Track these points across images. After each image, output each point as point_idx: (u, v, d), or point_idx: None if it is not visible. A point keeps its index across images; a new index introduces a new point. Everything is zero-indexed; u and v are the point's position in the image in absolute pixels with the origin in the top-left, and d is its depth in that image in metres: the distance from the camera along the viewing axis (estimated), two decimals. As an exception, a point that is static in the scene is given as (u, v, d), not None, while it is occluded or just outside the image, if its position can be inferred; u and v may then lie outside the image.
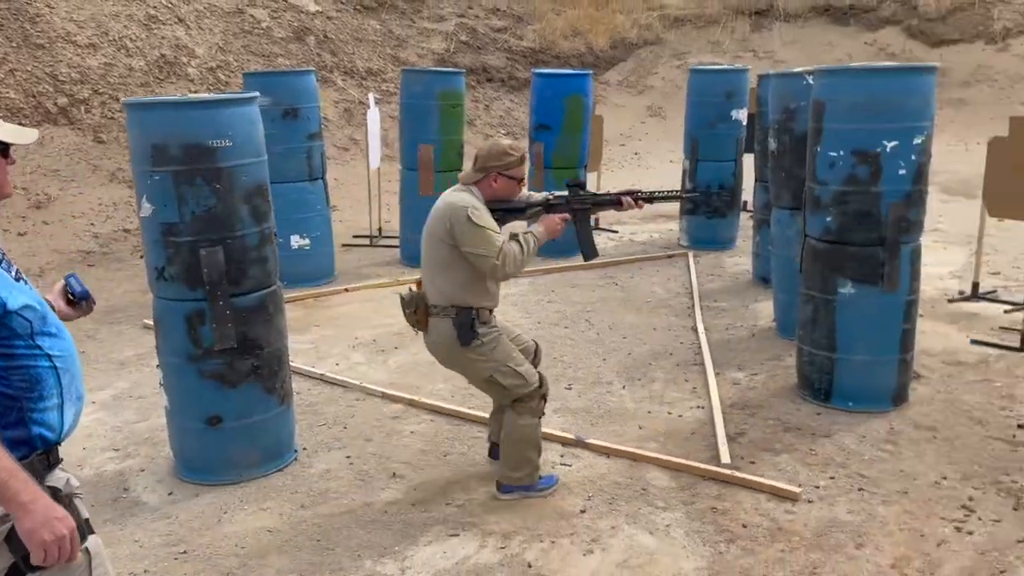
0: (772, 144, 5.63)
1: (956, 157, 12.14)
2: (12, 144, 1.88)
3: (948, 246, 8.03)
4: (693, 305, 6.51)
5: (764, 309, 6.33)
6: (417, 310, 3.53)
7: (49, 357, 1.86)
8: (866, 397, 4.44)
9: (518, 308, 6.55)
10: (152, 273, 3.74)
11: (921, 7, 15.91)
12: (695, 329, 5.96)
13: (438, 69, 8.11)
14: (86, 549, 1.85)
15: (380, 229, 8.87)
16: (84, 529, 1.86)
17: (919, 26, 15.85)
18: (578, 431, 4.34)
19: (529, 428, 3.61)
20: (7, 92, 9.24)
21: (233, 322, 3.72)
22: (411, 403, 4.76)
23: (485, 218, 3.40)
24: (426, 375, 5.20)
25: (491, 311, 3.58)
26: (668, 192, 3.74)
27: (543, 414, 3.70)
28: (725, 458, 3.94)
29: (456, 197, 3.48)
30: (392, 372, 5.27)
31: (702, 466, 3.88)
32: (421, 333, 3.64)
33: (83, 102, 9.88)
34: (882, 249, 4.24)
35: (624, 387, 4.97)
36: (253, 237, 3.75)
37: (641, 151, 14.99)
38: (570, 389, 4.96)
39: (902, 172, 4.15)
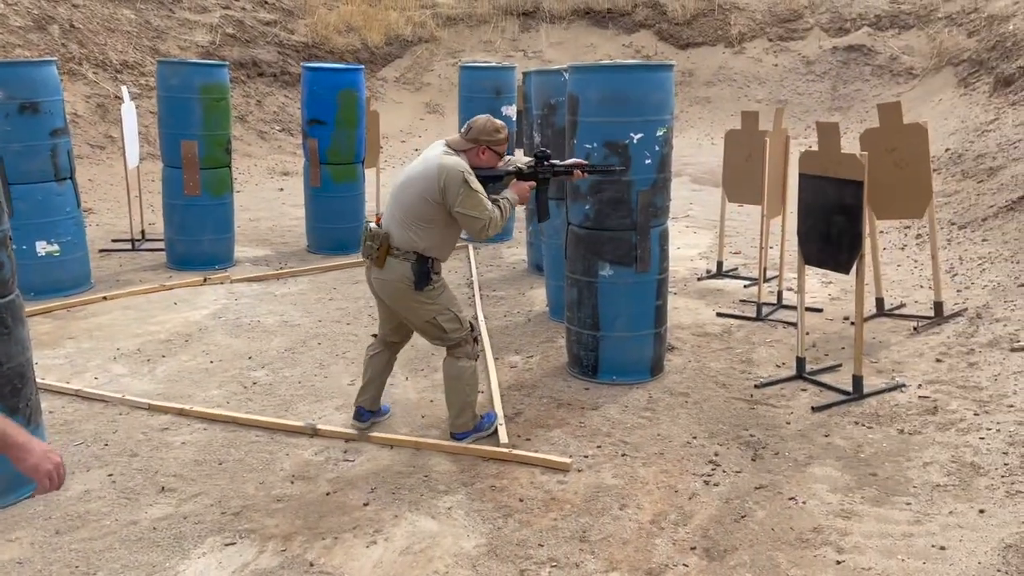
0: (537, 138, 5.91)
1: (704, 150, 13.35)
2: None
3: (698, 230, 8.83)
4: (473, 295, 6.69)
5: (538, 295, 6.63)
6: (380, 247, 3.81)
7: None
8: (627, 370, 4.80)
9: (298, 307, 6.40)
10: None
11: (669, 12, 17.29)
12: (475, 318, 6.12)
13: (198, 61, 7.70)
14: None
15: (143, 232, 8.30)
16: None
17: (668, 30, 17.21)
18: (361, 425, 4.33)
19: (468, 369, 4.05)
20: None
21: (-38, 338, 3.35)
22: (181, 413, 4.52)
23: (477, 183, 3.75)
24: (198, 383, 4.96)
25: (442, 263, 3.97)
26: (603, 166, 4.36)
27: (478, 357, 4.12)
28: (503, 438, 4.10)
29: (450, 160, 3.76)
30: (160, 382, 4.97)
31: (481, 447, 4.03)
32: (370, 269, 3.93)
33: None
34: (634, 233, 4.60)
35: (407, 378, 5.02)
36: (-18, 243, 3.39)
37: (421, 147, 15.06)
38: (352, 384, 4.93)
39: (648, 162, 4.52)
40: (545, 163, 4.08)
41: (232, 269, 7.40)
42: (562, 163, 4.19)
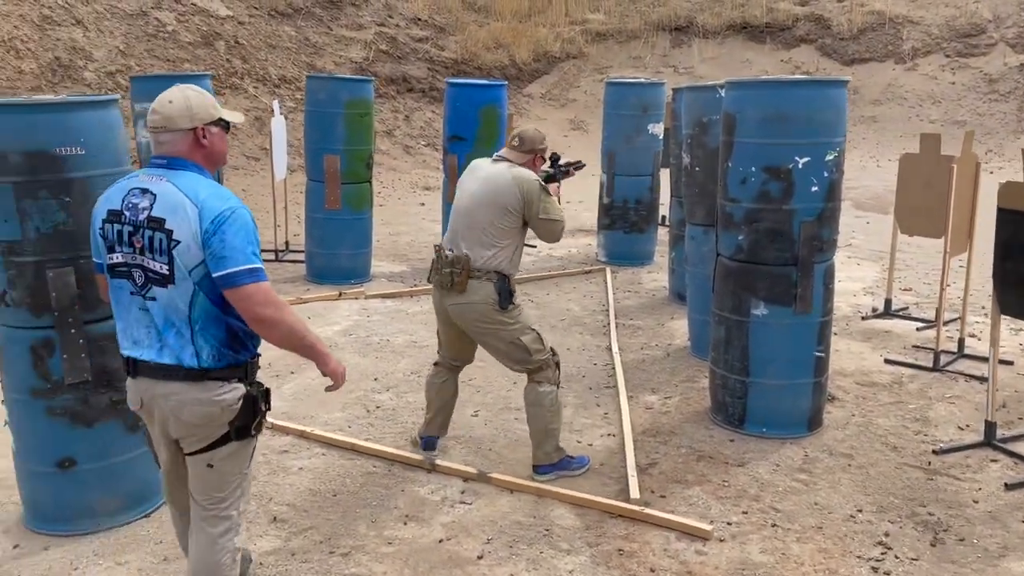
0: (685, 159, 5.47)
1: (869, 173, 12.36)
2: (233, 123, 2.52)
3: (861, 262, 8.05)
4: (609, 323, 6.30)
5: (679, 328, 6.16)
6: (462, 271, 3.67)
7: None
8: (780, 422, 4.27)
9: (428, 327, 6.22)
10: (-8, 297, 3.30)
11: (834, 26, 16.27)
12: (609, 349, 5.74)
13: (345, 76, 7.74)
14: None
15: (287, 243, 8.44)
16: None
17: (832, 45, 16.20)
18: (482, 463, 4.05)
19: (550, 395, 3.80)
20: None
21: (88, 352, 3.30)
22: (302, 435, 4.38)
23: (548, 188, 3.77)
24: (323, 403, 4.83)
25: None
26: (576, 164, 4.19)
27: (559, 383, 3.88)
28: (634, 492, 3.70)
29: (520, 171, 3.73)
30: (286, 400, 4.88)
31: (609, 502, 3.63)
32: (444, 295, 3.76)
33: (-37, 106, 9.14)
34: (795, 269, 4.08)
35: (533, 413, 4.69)
36: (111, 257, 3.33)
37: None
38: (476, 416, 4.67)
39: (814, 189, 4.00)
40: (558, 164, 4.08)
41: (368, 284, 7.35)
42: (562, 165, 4.17)
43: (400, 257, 8.43)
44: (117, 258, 2.38)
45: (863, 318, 6.33)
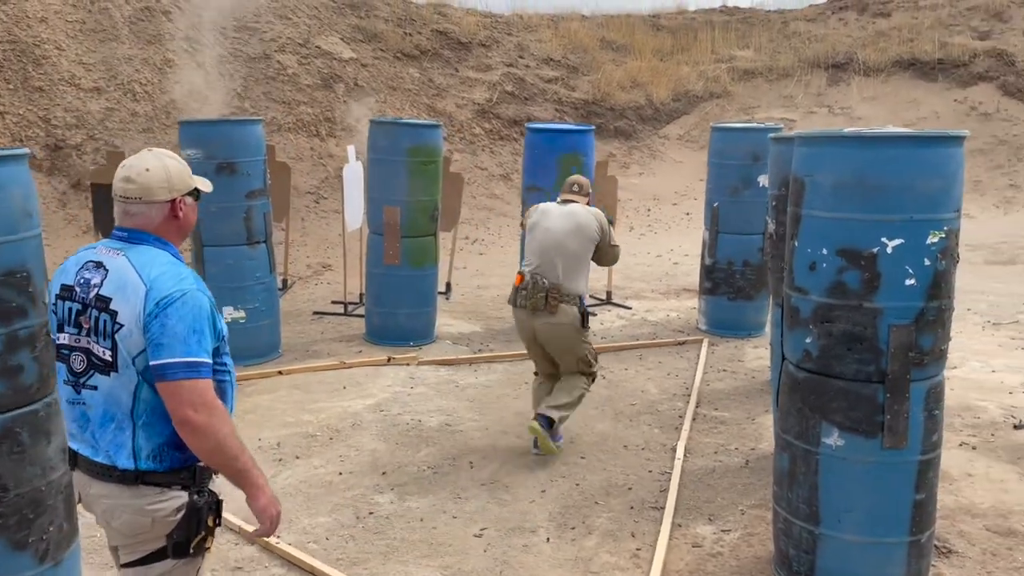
0: (770, 225, 4.43)
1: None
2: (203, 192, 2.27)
3: (1027, 348, 6.53)
4: (684, 414, 5.27)
5: (771, 425, 5.03)
6: (549, 296, 4.36)
7: (228, 373, 2.20)
8: (861, 593, 3.14)
9: (473, 405, 5.45)
10: None
11: (1020, 63, 14.26)
12: (675, 450, 4.73)
13: (409, 120, 7.16)
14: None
15: (362, 296, 7.94)
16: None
17: (1017, 83, 14.19)
18: (455, 611, 3.20)
19: (584, 392, 4.62)
20: (-9, 136, 8.84)
21: (-44, 454, 2.77)
22: (267, 546, 3.70)
23: None
24: (311, 500, 4.15)
25: None
26: None
27: (589, 389, 4.70)
28: None
29: (592, 208, 4.63)
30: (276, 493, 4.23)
31: None
32: (534, 316, 4.43)
33: (75, 148, 9.39)
34: (881, 388, 2.98)
35: (549, 539, 3.79)
36: (-7, 342, 2.80)
37: (693, 211, 13.76)
38: (480, 536, 3.82)
39: (911, 283, 2.90)
40: None
41: (429, 347, 6.68)
42: None
43: (477, 315, 7.72)
44: (63, 339, 2.17)
45: (1016, 427, 4.94)
